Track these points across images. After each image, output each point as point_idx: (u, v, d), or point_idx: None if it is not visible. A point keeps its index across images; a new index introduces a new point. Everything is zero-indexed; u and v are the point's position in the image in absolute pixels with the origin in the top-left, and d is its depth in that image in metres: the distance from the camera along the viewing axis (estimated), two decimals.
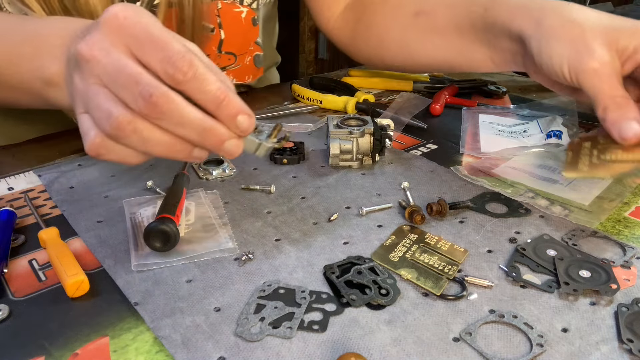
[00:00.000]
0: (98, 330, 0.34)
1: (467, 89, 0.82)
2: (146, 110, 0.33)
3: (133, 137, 0.34)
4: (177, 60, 0.33)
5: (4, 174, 0.53)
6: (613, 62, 0.46)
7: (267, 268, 0.40)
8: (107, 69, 0.34)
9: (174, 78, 0.33)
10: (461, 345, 0.34)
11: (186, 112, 0.34)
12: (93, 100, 0.35)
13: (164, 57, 0.33)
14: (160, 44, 0.34)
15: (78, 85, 0.36)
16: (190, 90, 0.34)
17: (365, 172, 0.56)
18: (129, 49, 0.35)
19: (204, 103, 0.34)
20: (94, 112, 0.35)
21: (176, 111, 0.33)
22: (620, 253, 0.43)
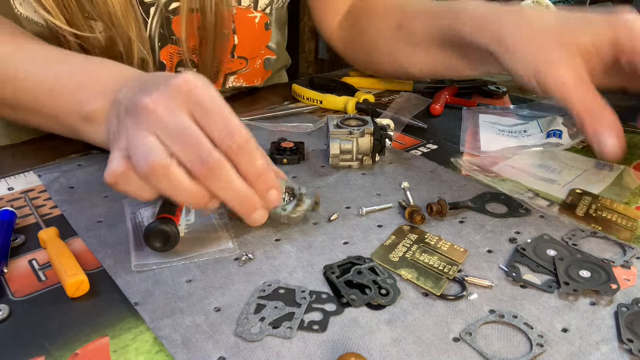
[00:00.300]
0: (98, 330, 0.34)
1: (467, 89, 0.82)
2: (201, 171, 0.36)
3: (164, 181, 0.36)
4: (237, 133, 0.37)
5: (4, 174, 0.53)
6: (575, 68, 0.46)
7: (267, 268, 0.40)
8: (168, 127, 0.37)
9: (230, 148, 0.37)
10: (461, 345, 0.34)
11: (234, 179, 0.38)
12: (139, 140, 0.37)
13: (225, 127, 0.37)
14: (223, 115, 0.38)
15: (129, 127, 0.38)
16: (240, 161, 0.38)
17: (365, 172, 0.56)
18: (192, 114, 0.37)
19: (246, 174, 0.38)
20: (134, 149, 0.37)
21: (226, 177, 0.37)
22: (620, 253, 0.43)
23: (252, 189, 0.39)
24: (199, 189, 0.37)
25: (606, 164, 0.59)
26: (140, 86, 0.41)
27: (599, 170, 0.57)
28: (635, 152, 0.62)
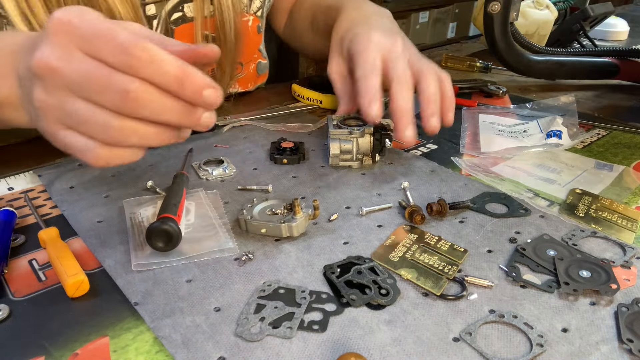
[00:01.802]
0: (98, 330, 0.34)
1: (467, 89, 0.82)
2: (127, 108, 0.34)
3: (131, 140, 0.35)
4: (129, 47, 0.33)
5: (4, 174, 0.53)
6: (338, 67, 0.62)
7: (267, 268, 0.40)
8: (73, 78, 0.34)
9: (131, 66, 0.33)
10: (461, 345, 0.34)
11: (160, 98, 0.34)
12: (76, 115, 0.35)
13: (115, 47, 0.33)
14: (108, 36, 0.34)
15: (45, 100, 0.35)
16: (150, 75, 0.34)
17: (365, 172, 0.56)
18: (82, 50, 0.34)
19: (166, 86, 0.34)
20: (83, 127, 0.35)
21: (156, 103, 0.34)
22: (620, 253, 0.43)
23: (181, 101, 0.35)
24: (145, 125, 0.35)
25: (606, 164, 0.59)
26: (28, 49, 0.37)
27: (599, 170, 0.57)
28: (635, 152, 0.62)
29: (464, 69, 0.97)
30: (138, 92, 0.33)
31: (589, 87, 0.88)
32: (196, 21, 0.63)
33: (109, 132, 0.34)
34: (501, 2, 0.77)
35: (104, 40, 0.34)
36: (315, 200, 0.45)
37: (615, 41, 1.25)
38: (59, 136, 0.36)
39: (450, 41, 3.21)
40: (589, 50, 0.91)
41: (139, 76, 0.34)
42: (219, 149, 0.60)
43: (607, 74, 0.87)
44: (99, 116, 0.34)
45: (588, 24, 1.05)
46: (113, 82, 0.33)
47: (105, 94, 0.34)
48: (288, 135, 0.64)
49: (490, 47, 0.83)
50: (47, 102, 0.35)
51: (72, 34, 0.34)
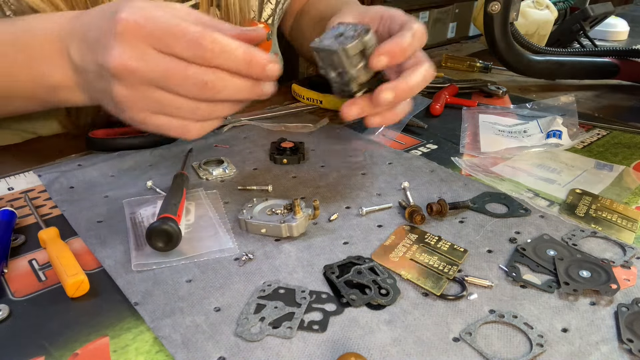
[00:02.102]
0: (98, 330, 0.34)
1: (467, 89, 0.82)
2: (206, 95, 0.39)
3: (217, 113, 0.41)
4: (202, 41, 0.37)
5: (4, 174, 0.53)
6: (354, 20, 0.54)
7: (267, 268, 0.40)
8: (152, 76, 0.38)
9: (204, 58, 0.38)
10: (461, 345, 0.34)
11: (232, 81, 0.39)
12: (163, 104, 0.40)
13: (187, 43, 0.37)
14: (178, 33, 0.37)
15: (128, 95, 0.40)
16: (222, 63, 0.38)
17: (365, 172, 0.56)
18: (155, 48, 0.38)
19: (237, 69, 0.39)
20: (174, 112, 0.41)
21: (224, 85, 0.39)
22: (620, 253, 0.43)
23: (249, 79, 0.40)
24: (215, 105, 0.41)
25: (606, 164, 0.59)
26: (88, 44, 0.41)
27: (599, 170, 0.57)
28: (635, 152, 0.62)
29: (464, 69, 0.97)
30: (214, 82, 0.38)
31: (589, 87, 0.88)
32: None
33: (198, 113, 0.40)
34: (501, 2, 0.77)
35: (175, 37, 0.37)
36: (315, 200, 0.45)
37: (615, 41, 1.25)
38: (150, 121, 0.41)
39: (450, 41, 3.21)
40: (589, 50, 0.91)
41: (212, 65, 0.38)
42: (219, 149, 0.60)
43: (607, 74, 0.87)
44: (185, 103, 0.40)
45: (588, 24, 1.05)
46: (190, 75, 0.38)
47: (184, 86, 0.39)
48: (288, 135, 0.64)
49: (490, 47, 0.83)
50: (131, 96, 0.40)
51: (142, 34, 0.38)
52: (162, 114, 0.41)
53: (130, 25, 0.37)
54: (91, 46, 0.41)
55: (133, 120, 0.42)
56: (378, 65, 0.45)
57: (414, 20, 0.50)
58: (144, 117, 0.41)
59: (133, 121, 0.42)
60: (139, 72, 0.38)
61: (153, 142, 0.60)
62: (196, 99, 0.40)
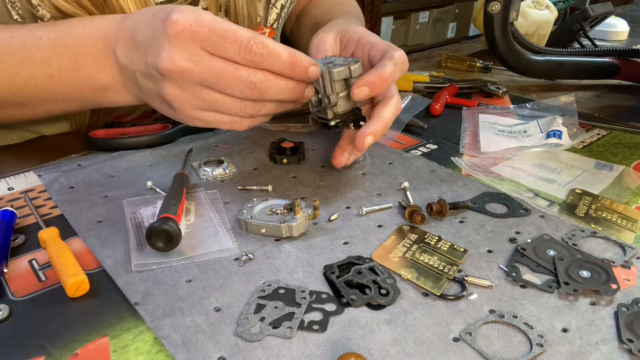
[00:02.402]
0: (98, 330, 0.34)
1: (467, 89, 0.82)
2: (254, 95, 0.42)
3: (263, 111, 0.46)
4: (252, 46, 0.40)
5: (4, 174, 0.53)
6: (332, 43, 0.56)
7: (267, 268, 0.40)
8: (203, 77, 0.41)
9: (254, 62, 0.41)
10: (461, 345, 0.34)
11: (278, 83, 0.43)
12: (214, 103, 0.43)
13: (239, 47, 0.40)
14: (230, 38, 0.40)
15: (179, 95, 0.43)
16: (269, 65, 0.42)
17: (365, 172, 0.56)
18: (207, 50, 0.41)
19: (281, 71, 0.42)
20: (225, 110, 0.44)
21: (270, 86, 0.42)
22: (620, 253, 0.43)
23: (292, 81, 0.44)
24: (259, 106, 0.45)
25: (606, 164, 0.59)
26: (137, 45, 0.43)
27: (599, 170, 0.57)
28: (635, 152, 0.62)
29: (464, 69, 0.97)
30: (262, 83, 0.42)
31: (589, 87, 0.88)
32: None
33: (246, 111, 0.44)
34: (501, 2, 0.77)
35: (227, 41, 0.40)
36: (315, 200, 0.45)
37: (615, 41, 1.25)
38: (201, 117, 0.45)
39: (450, 41, 3.21)
40: (589, 50, 0.91)
41: (260, 68, 0.42)
42: (219, 149, 0.60)
43: (607, 74, 0.87)
44: (234, 102, 0.43)
45: (588, 24, 1.05)
46: (240, 77, 0.41)
47: (234, 87, 0.42)
48: (288, 135, 0.64)
49: (490, 47, 0.83)
50: (182, 96, 0.43)
51: (194, 37, 0.40)
52: (212, 111, 0.44)
53: (183, 28, 0.40)
54: (140, 47, 0.43)
55: (183, 118, 0.45)
56: (359, 96, 0.46)
57: (394, 48, 0.52)
58: (195, 115, 0.44)
59: (183, 118, 0.45)
60: (189, 73, 0.41)
61: (153, 142, 0.60)
62: (245, 98, 0.43)
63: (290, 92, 0.44)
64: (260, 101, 0.44)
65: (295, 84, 0.44)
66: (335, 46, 0.57)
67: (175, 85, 0.42)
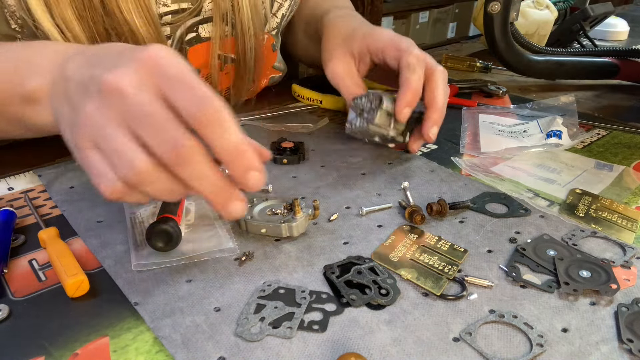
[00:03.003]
0: (98, 330, 0.34)
1: (467, 89, 0.82)
2: (170, 159, 0.33)
3: (149, 187, 0.34)
4: (205, 102, 0.33)
5: (4, 174, 0.53)
6: (346, 66, 0.62)
7: (267, 268, 0.40)
8: (134, 109, 0.33)
9: (198, 120, 0.33)
10: (461, 345, 0.34)
11: (206, 166, 0.33)
12: (111, 141, 0.34)
13: (191, 97, 0.33)
14: (191, 86, 0.33)
15: (93, 116, 0.34)
16: (211, 135, 0.33)
17: (365, 172, 0.56)
18: (159, 88, 0.34)
19: (220, 152, 0.33)
20: (112, 156, 0.34)
21: (198, 163, 0.33)
22: (620, 253, 0.43)
23: (227, 179, 0.34)
24: (180, 187, 0.34)
25: (606, 164, 0.59)
26: (96, 60, 0.37)
27: (599, 170, 0.57)
28: (635, 152, 0.62)
29: (464, 69, 0.97)
30: (191, 150, 0.33)
31: (589, 87, 0.88)
32: (214, 41, 0.63)
33: (131, 172, 0.33)
34: (501, 2, 0.77)
35: (185, 87, 0.33)
36: (315, 201, 0.45)
37: (615, 41, 1.25)
38: (83, 153, 0.35)
39: (450, 41, 3.21)
40: (589, 50, 0.91)
41: (200, 132, 0.33)
42: None
43: (607, 74, 0.87)
44: (129, 152, 0.33)
45: (588, 24, 1.05)
46: (172, 129, 0.33)
47: (158, 137, 0.33)
48: (288, 135, 0.64)
49: (490, 47, 0.83)
50: (94, 118, 0.34)
51: (157, 70, 0.34)
52: (99, 152, 0.35)
53: (151, 59, 0.34)
54: (95, 62, 0.37)
55: (72, 143, 0.37)
56: (404, 118, 0.54)
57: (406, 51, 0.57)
58: (84, 145, 0.35)
59: (72, 144, 0.37)
60: (125, 97, 0.33)
61: None
62: (159, 156, 0.33)
63: (213, 185, 0.34)
64: (161, 171, 0.34)
65: (223, 181, 0.34)
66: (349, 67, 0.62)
67: (99, 104, 0.34)
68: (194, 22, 0.63)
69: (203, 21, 0.63)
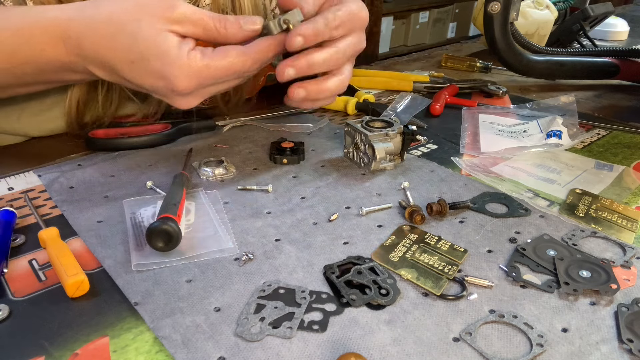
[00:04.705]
0: (98, 330, 0.34)
1: (467, 89, 0.82)
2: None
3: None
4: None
5: (4, 174, 0.53)
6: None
7: (267, 268, 0.40)
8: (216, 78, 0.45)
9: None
10: (461, 345, 0.34)
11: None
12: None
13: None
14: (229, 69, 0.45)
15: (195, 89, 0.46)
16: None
17: (365, 172, 0.56)
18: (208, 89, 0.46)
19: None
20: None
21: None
22: (620, 253, 0.43)
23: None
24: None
25: (606, 164, 0.59)
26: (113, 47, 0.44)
27: (599, 170, 0.57)
28: (635, 152, 0.62)
29: (464, 69, 0.97)
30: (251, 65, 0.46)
31: (589, 87, 0.88)
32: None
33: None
34: (501, 2, 0.77)
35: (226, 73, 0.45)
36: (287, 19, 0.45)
37: (615, 41, 1.25)
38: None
39: (450, 41, 3.21)
40: (589, 50, 0.91)
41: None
42: (219, 149, 0.60)
43: (607, 74, 0.87)
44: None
45: (588, 24, 1.05)
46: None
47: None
48: (288, 135, 0.64)
49: (490, 47, 0.83)
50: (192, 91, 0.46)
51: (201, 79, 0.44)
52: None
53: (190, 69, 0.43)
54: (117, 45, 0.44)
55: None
56: (293, 47, 0.45)
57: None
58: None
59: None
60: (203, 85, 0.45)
61: (153, 142, 0.60)
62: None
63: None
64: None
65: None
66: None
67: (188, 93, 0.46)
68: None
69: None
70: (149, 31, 0.43)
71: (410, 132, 0.56)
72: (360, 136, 0.56)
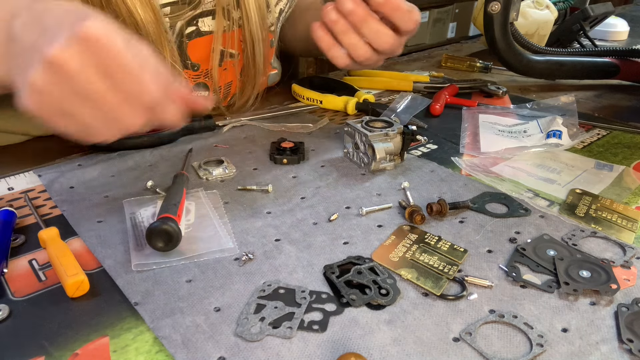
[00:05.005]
0: (98, 330, 0.34)
1: (467, 89, 0.82)
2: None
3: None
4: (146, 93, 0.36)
5: (4, 174, 0.53)
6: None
7: (267, 268, 0.40)
8: (77, 88, 0.35)
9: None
10: (461, 345, 0.34)
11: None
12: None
13: (134, 89, 0.36)
14: (133, 78, 0.36)
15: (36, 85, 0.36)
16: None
17: (365, 172, 0.56)
18: (98, 68, 0.35)
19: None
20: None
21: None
22: (620, 253, 0.43)
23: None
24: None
25: (606, 164, 0.59)
26: (39, 24, 0.38)
27: (599, 170, 0.57)
28: (635, 152, 0.62)
29: (464, 69, 0.97)
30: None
31: (589, 87, 0.88)
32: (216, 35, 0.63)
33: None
34: (501, 2, 0.77)
35: (127, 77, 0.36)
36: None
37: (615, 41, 1.25)
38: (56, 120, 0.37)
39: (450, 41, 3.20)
40: (589, 50, 0.91)
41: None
42: (219, 149, 0.60)
43: (607, 74, 0.87)
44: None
45: (588, 24, 1.05)
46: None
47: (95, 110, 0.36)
48: (288, 135, 0.64)
49: (490, 47, 0.83)
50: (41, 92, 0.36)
51: (97, 54, 0.35)
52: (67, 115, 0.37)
53: (89, 39, 0.35)
54: (40, 27, 0.38)
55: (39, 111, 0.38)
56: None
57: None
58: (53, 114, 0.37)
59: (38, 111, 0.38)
60: (65, 72, 0.35)
61: (153, 142, 0.60)
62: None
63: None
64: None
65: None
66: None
67: (46, 75, 0.36)
68: (194, 15, 0.63)
69: (203, 14, 0.63)
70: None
71: (410, 132, 0.56)
72: (360, 136, 0.56)
